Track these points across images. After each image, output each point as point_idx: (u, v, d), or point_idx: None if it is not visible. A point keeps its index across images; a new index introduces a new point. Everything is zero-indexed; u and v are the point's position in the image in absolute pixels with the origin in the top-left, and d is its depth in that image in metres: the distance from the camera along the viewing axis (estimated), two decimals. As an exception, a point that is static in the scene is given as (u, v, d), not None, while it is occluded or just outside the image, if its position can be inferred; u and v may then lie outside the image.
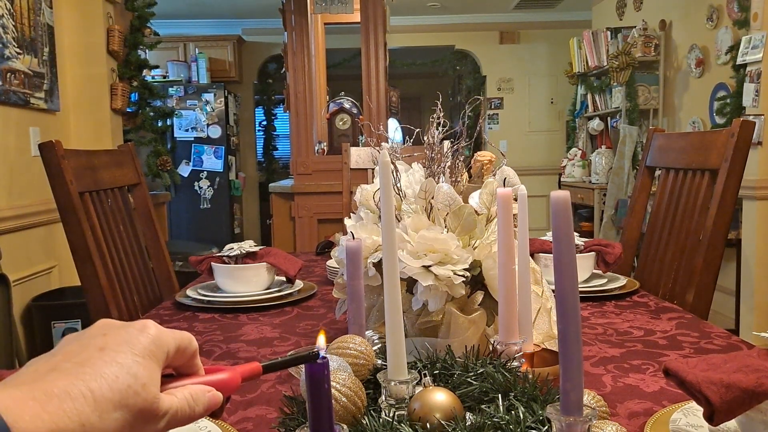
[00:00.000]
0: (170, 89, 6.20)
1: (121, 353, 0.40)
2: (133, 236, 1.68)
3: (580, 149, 5.84)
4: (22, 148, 2.73)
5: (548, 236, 1.44)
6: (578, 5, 6.46)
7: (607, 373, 0.93)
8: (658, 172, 1.82)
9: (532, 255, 1.28)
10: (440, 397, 0.62)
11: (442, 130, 0.97)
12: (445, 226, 0.89)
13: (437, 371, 0.73)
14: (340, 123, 3.84)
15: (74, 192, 1.39)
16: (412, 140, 1.11)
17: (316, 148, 3.83)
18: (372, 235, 0.91)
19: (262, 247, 1.51)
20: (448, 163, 0.97)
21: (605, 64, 5.10)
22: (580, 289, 0.92)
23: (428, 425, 0.60)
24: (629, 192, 4.52)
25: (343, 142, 2.54)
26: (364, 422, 0.60)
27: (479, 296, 0.89)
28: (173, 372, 0.47)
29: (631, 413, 0.78)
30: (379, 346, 0.78)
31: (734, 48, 3.74)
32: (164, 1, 4.29)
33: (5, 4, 2.52)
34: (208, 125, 6.31)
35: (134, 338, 0.42)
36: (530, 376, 0.68)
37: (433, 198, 0.90)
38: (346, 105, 3.85)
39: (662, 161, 1.74)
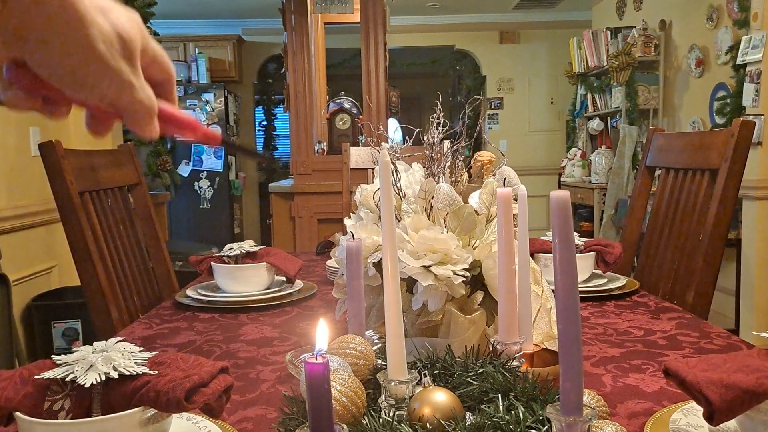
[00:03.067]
0: (170, 89, 6.18)
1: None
2: (133, 236, 1.68)
3: (580, 149, 5.84)
4: (22, 148, 2.73)
5: (548, 236, 1.44)
6: (578, 5, 6.46)
7: (607, 373, 0.93)
8: (658, 172, 1.82)
9: (532, 255, 1.28)
10: (440, 397, 0.62)
11: (442, 130, 0.97)
12: (445, 226, 0.89)
13: (437, 371, 0.73)
14: (340, 123, 3.84)
15: (74, 192, 1.39)
16: (412, 140, 1.11)
17: (316, 148, 3.83)
18: (372, 235, 0.91)
19: (262, 247, 1.51)
20: (448, 163, 0.97)
21: (605, 64, 5.10)
22: (580, 289, 0.92)
23: (428, 425, 0.60)
24: (629, 192, 4.51)
25: (343, 142, 2.54)
26: (364, 422, 0.60)
27: (479, 296, 0.89)
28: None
29: (631, 413, 0.78)
30: (379, 346, 0.78)
31: (734, 48, 3.74)
32: (164, 1, 4.29)
33: (5, 4, 2.52)
34: (208, 125, 6.30)
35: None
36: (530, 376, 0.68)
37: (433, 198, 0.90)
38: (346, 105, 3.84)
39: (662, 161, 1.74)
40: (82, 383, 0.62)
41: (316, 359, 0.45)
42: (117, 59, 0.41)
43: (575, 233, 0.62)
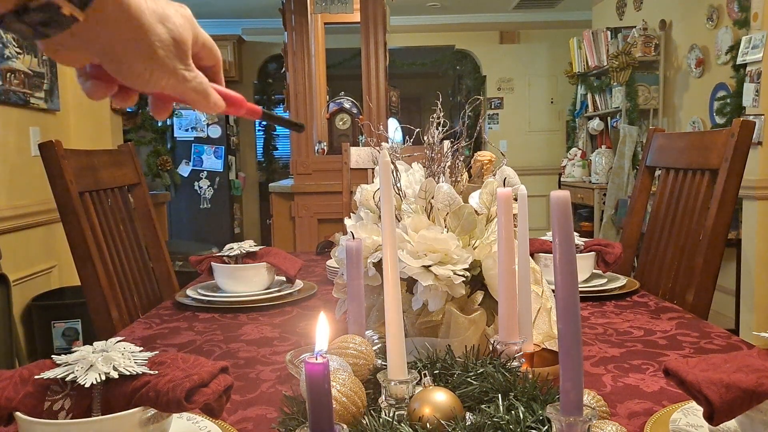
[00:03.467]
0: (170, 89, 6.18)
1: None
2: (133, 236, 1.68)
3: (580, 149, 5.84)
4: (22, 148, 2.73)
5: (548, 236, 1.44)
6: (578, 5, 6.46)
7: (607, 373, 0.93)
8: (658, 172, 1.82)
9: (532, 255, 1.28)
10: (440, 397, 0.62)
11: (442, 130, 0.97)
12: (445, 226, 0.89)
13: (437, 371, 0.73)
14: (340, 123, 3.84)
15: (74, 192, 1.39)
16: (412, 140, 1.11)
17: (316, 148, 3.83)
18: (372, 235, 0.91)
19: (262, 246, 1.51)
20: (448, 163, 0.97)
21: (605, 64, 5.10)
22: (580, 289, 0.92)
23: (428, 425, 0.60)
24: (629, 192, 4.52)
25: (343, 142, 2.54)
26: (364, 422, 0.60)
27: (479, 296, 0.89)
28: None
29: (631, 413, 0.78)
30: (379, 346, 0.78)
31: (734, 48, 3.74)
32: (164, 1, 4.28)
33: (5, 4, 2.52)
34: (208, 125, 6.31)
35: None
36: (530, 376, 0.68)
37: (433, 198, 0.90)
38: (346, 105, 3.84)
39: (662, 161, 1.74)
40: (82, 383, 0.62)
41: (316, 359, 0.45)
42: (173, 60, 0.49)
43: (575, 233, 0.62)
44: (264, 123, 7.61)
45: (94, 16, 0.41)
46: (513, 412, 0.60)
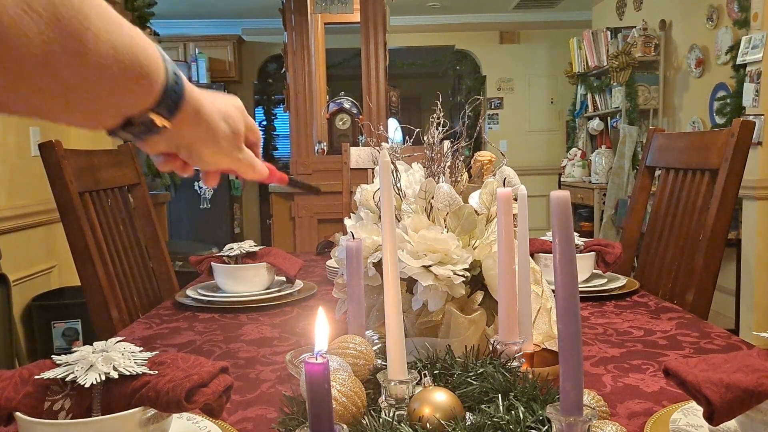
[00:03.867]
0: (170, 89, 6.18)
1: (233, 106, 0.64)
2: (133, 236, 1.68)
3: (580, 149, 5.84)
4: (22, 148, 2.73)
5: (548, 236, 1.44)
6: (578, 5, 6.46)
7: (607, 373, 0.93)
8: (658, 172, 1.82)
9: (532, 255, 1.28)
10: (440, 397, 0.62)
11: (442, 130, 0.97)
12: (445, 226, 0.89)
13: (437, 371, 0.73)
14: (340, 123, 3.84)
15: (74, 192, 1.39)
16: (412, 140, 1.11)
17: (316, 148, 3.83)
18: (372, 235, 0.91)
19: (262, 247, 1.51)
20: (448, 163, 0.97)
21: (605, 64, 5.10)
22: (580, 289, 0.92)
23: (428, 425, 0.60)
24: (629, 192, 4.51)
25: (343, 142, 2.54)
26: (364, 422, 0.60)
27: (479, 296, 0.89)
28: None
29: (631, 413, 0.78)
30: (379, 346, 0.78)
31: (734, 48, 3.74)
32: (164, 1, 4.29)
33: (5, 4, 2.52)
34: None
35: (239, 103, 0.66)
36: (530, 376, 0.68)
37: (433, 198, 0.90)
38: (346, 105, 3.84)
39: (662, 161, 1.74)
40: (82, 383, 0.62)
41: (316, 359, 0.45)
42: (232, 147, 0.63)
43: (575, 233, 0.62)
44: (264, 122, 7.62)
45: (177, 122, 0.53)
46: (513, 412, 0.60)
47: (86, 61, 0.40)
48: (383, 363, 0.68)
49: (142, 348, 0.70)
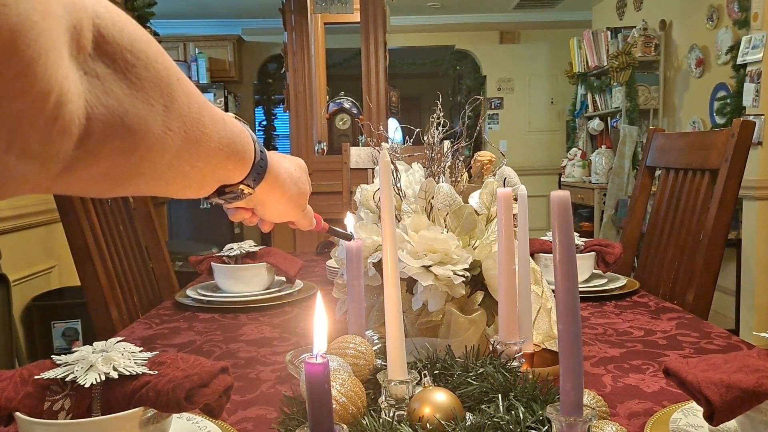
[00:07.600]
0: (170, 89, 6.18)
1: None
2: (133, 236, 1.68)
3: (580, 149, 5.84)
4: (22, 148, 2.72)
5: (548, 236, 1.44)
6: (578, 5, 6.46)
7: (607, 373, 0.93)
8: (658, 172, 1.82)
9: (532, 255, 1.28)
10: (440, 397, 0.62)
11: (442, 130, 0.97)
12: (445, 226, 0.89)
13: (437, 371, 0.73)
14: (340, 123, 3.84)
15: (74, 192, 1.39)
16: (412, 140, 1.11)
17: (316, 148, 3.83)
18: (372, 235, 0.91)
19: (262, 247, 1.51)
20: (448, 163, 0.97)
21: (605, 64, 5.10)
22: (580, 289, 0.92)
23: (428, 425, 0.60)
24: (629, 192, 4.52)
25: (343, 142, 2.54)
26: (364, 422, 0.60)
27: (479, 296, 0.89)
28: None
29: (631, 413, 0.78)
30: (379, 346, 0.78)
31: (734, 48, 3.74)
32: (164, 1, 4.29)
33: (5, 4, 2.52)
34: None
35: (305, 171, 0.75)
36: (530, 376, 0.68)
37: (433, 198, 0.90)
38: (346, 105, 3.84)
39: (662, 161, 1.74)
40: (82, 383, 0.62)
41: (316, 359, 0.45)
42: (299, 206, 0.72)
43: (575, 233, 0.62)
44: (263, 122, 7.63)
45: (259, 188, 0.62)
46: (513, 412, 0.60)
47: (201, 157, 0.49)
48: (383, 363, 0.68)
49: (142, 348, 0.70)
